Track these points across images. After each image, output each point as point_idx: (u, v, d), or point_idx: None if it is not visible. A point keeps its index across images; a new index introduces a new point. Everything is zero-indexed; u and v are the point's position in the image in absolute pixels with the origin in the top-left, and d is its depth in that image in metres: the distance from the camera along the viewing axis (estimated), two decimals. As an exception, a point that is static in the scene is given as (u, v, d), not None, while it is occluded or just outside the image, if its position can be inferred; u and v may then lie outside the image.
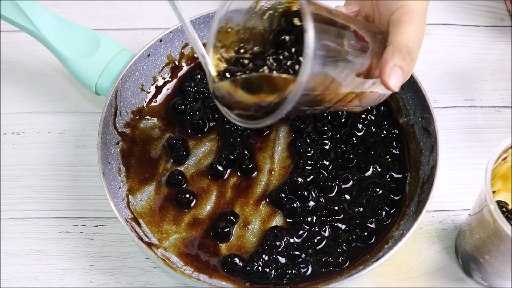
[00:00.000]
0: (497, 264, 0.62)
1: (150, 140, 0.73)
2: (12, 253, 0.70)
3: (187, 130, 0.73)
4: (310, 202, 0.68)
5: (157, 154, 0.72)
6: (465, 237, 0.65)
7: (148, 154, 0.72)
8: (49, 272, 0.69)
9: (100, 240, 0.71)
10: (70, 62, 0.72)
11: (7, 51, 0.83)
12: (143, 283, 0.68)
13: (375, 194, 0.69)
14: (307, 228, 0.67)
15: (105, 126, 0.70)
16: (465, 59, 0.82)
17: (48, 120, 0.78)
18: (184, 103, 0.74)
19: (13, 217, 0.72)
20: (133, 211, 0.68)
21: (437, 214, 0.71)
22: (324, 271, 0.65)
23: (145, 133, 0.73)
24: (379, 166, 0.71)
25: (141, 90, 0.75)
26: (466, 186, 0.72)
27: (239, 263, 0.65)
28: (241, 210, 0.69)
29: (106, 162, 0.69)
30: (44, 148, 0.76)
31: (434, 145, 0.68)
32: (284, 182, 0.70)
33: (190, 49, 0.77)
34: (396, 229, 0.67)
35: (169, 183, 0.70)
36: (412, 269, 0.69)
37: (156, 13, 0.86)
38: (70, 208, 0.72)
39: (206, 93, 0.75)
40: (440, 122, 0.69)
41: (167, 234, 0.68)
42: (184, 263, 0.66)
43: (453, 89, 0.79)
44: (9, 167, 0.75)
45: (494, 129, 0.77)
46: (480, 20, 0.85)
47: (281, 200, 0.69)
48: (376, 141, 0.72)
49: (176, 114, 0.74)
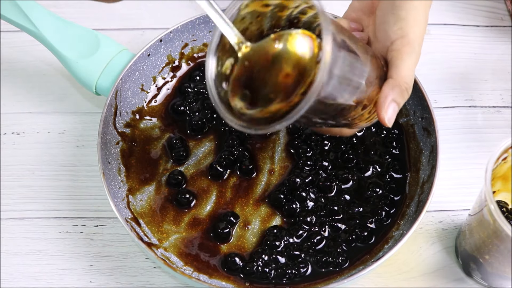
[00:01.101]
0: (497, 264, 0.62)
1: (150, 140, 0.73)
2: (12, 253, 0.70)
3: (187, 131, 0.73)
4: (309, 203, 0.68)
5: (157, 154, 0.72)
6: (465, 237, 0.65)
7: (148, 154, 0.72)
8: (49, 272, 0.69)
9: (100, 240, 0.71)
10: (70, 62, 0.72)
11: (7, 51, 0.83)
12: (143, 283, 0.68)
13: (375, 194, 0.69)
14: (307, 228, 0.67)
15: (105, 126, 0.70)
16: (465, 59, 0.82)
17: (48, 120, 0.78)
18: (184, 104, 0.74)
19: (13, 217, 0.72)
20: (133, 211, 0.68)
21: (437, 214, 0.71)
22: (324, 271, 0.65)
23: (145, 133, 0.73)
24: (379, 166, 0.71)
25: (141, 90, 0.75)
26: (466, 186, 0.72)
27: (239, 262, 0.65)
28: (241, 210, 0.69)
29: (106, 162, 0.69)
30: (44, 148, 0.76)
31: (434, 145, 0.68)
32: (282, 182, 0.70)
33: (190, 49, 0.77)
34: (396, 229, 0.67)
35: (169, 183, 0.70)
36: (412, 269, 0.69)
37: (156, 13, 0.86)
38: (70, 208, 0.72)
39: (206, 94, 0.75)
40: (440, 122, 0.69)
41: (167, 234, 0.68)
42: (184, 263, 0.66)
43: (453, 89, 0.79)
44: (9, 167, 0.75)
45: (494, 129, 0.77)
46: (480, 20, 0.85)
47: (280, 201, 0.69)
48: (376, 141, 0.72)
49: (175, 115, 0.74)
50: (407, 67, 0.58)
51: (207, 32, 0.77)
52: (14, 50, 0.83)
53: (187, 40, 0.77)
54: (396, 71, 0.58)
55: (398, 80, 0.57)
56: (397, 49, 0.58)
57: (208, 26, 0.77)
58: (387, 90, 0.57)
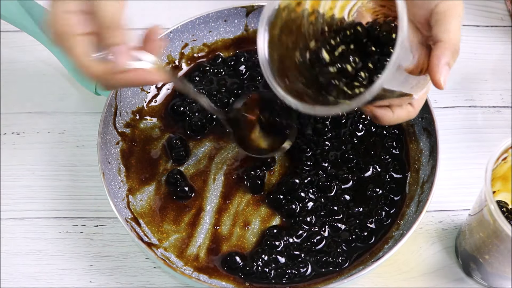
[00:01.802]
0: (497, 264, 0.62)
1: (150, 140, 0.73)
2: (12, 253, 0.70)
3: (187, 131, 0.73)
4: (309, 203, 0.68)
5: (157, 154, 0.72)
6: (465, 237, 0.65)
7: (148, 154, 0.72)
8: (49, 272, 0.69)
9: (100, 240, 0.71)
10: (70, 62, 0.72)
11: (7, 51, 0.83)
12: (143, 283, 0.68)
13: (375, 194, 0.69)
14: (307, 228, 0.67)
15: (105, 126, 0.70)
16: (465, 59, 0.82)
17: (48, 120, 0.78)
18: (183, 104, 0.74)
19: (13, 217, 0.72)
20: (133, 211, 0.68)
21: (437, 214, 0.71)
22: (324, 271, 0.65)
23: (145, 133, 0.73)
24: (379, 166, 0.71)
25: (141, 90, 0.75)
26: (466, 186, 0.72)
27: (239, 261, 0.65)
28: (241, 210, 0.69)
29: (106, 162, 0.69)
30: (44, 148, 0.76)
31: (434, 145, 0.68)
32: (282, 182, 0.70)
33: (190, 49, 0.77)
34: (396, 229, 0.67)
35: (168, 182, 0.70)
36: (412, 269, 0.69)
37: (156, 13, 0.85)
38: (70, 208, 0.72)
39: (205, 95, 0.74)
40: (440, 122, 0.69)
41: (167, 234, 0.68)
42: (184, 263, 0.66)
43: (453, 89, 0.79)
44: (9, 167, 0.75)
45: (494, 129, 0.77)
46: (480, 20, 0.85)
47: (280, 201, 0.69)
48: (376, 141, 0.72)
49: (175, 115, 0.74)
50: (455, 28, 0.58)
51: (207, 32, 0.77)
52: (14, 50, 0.83)
53: (187, 40, 0.77)
54: (446, 34, 0.57)
55: (448, 42, 0.57)
56: (443, 12, 0.58)
57: (208, 26, 0.77)
58: (439, 54, 0.57)
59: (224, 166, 0.72)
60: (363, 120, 0.73)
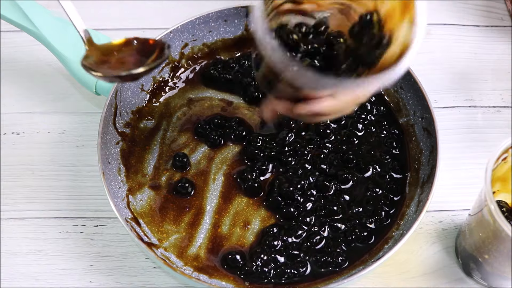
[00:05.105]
0: (497, 264, 0.62)
1: (150, 140, 0.73)
2: (12, 253, 0.70)
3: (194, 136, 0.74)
4: (308, 204, 0.68)
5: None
6: (465, 237, 0.65)
7: (148, 154, 0.72)
8: (49, 272, 0.69)
9: (100, 240, 0.71)
10: (70, 62, 0.72)
11: (7, 51, 0.83)
12: (143, 283, 0.68)
13: (375, 194, 0.69)
14: (306, 228, 0.67)
15: (105, 126, 0.70)
16: (465, 59, 0.82)
17: (48, 120, 0.78)
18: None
19: (13, 217, 0.72)
20: (133, 211, 0.68)
21: (437, 214, 0.71)
22: (323, 271, 0.65)
23: (145, 133, 0.73)
24: (379, 166, 0.71)
25: (141, 90, 0.75)
26: (466, 186, 0.72)
27: (240, 259, 0.65)
28: (241, 210, 0.69)
29: (106, 162, 0.69)
30: (44, 148, 0.76)
31: (434, 145, 0.68)
32: (281, 183, 0.70)
33: (190, 49, 0.77)
34: (396, 229, 0.67)
35: (168, 183, 0.70)
36: (412, 269, 0.69)
37: (156, 13, 0.86)
38: (70, 208, 0.72)
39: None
40: (440, 122, 0.69)
41: (167, 234, 0.68)
42: (184, 263, 0.66)
43: (453, 89, 0.79)
44: (9, 167, 0.75)
45: (494, 129, 0.77)
46: (480, 20, 0.85)
47: (278, 203, 0.68)
48: (376, 141, 0.72)
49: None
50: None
51: (207, 32, 0.77)
52: (14, 50, 0.83)
53: (187, 40, 0.77)
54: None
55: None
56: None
57: (208, 26, 0.77)
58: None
59: (224, 166, 0.72)
60: (363, 120, 0.73)
